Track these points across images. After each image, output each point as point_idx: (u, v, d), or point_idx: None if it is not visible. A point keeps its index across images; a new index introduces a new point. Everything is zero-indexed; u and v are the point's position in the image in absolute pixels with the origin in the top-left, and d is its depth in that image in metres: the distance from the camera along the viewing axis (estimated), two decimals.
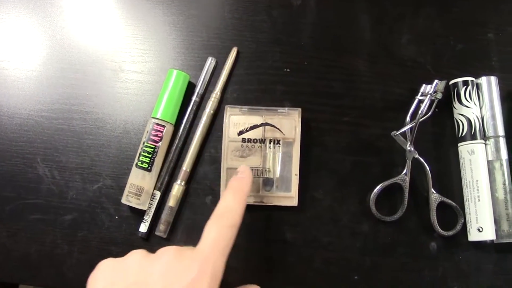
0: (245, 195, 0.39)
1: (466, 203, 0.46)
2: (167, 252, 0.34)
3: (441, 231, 0.45)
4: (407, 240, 0.46)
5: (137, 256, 0.35)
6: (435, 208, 0.46)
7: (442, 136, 0.47)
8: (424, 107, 0.45)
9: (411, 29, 0.49)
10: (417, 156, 0.46)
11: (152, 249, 0.43)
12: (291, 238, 0.46)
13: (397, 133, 0.45)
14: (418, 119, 0.45)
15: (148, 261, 0.34)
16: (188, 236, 0.46)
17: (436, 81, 0.46)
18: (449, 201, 0.46)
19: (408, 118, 0.46)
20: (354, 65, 0.48)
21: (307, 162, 0.46)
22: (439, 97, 0.46)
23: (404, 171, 0.46)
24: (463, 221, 0.46)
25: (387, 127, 0.46)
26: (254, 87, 0.48)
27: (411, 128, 0.46)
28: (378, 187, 0.45)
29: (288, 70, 0.48)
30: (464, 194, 0.46)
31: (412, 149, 0.46)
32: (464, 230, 0.46)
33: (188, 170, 0.46)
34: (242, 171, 0.42)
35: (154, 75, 0.48)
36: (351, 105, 0.47)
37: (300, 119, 0.45)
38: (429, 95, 0.45)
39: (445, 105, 0.47)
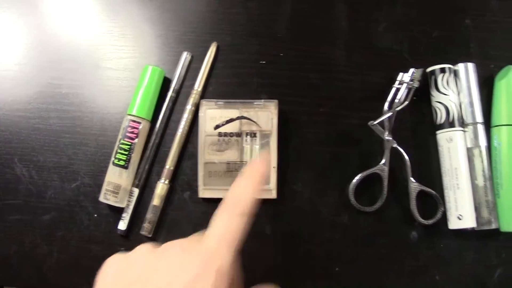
0: (258, 183, 0.36)
1: (445, 191, 0.46)
2: (173, 247, 0.33)
3: (421, 220, 0.45)
4: (388, 230, 0.46)
5: (142, 251, 0.34)
6: (414, 197, 0.45)
7: (421, 124, 0.47)
8: (401, 96, 0.45)
9: (388, 17, 0.48)
10: (395, 145, 0.46)
11: (132, 246, 0.43)
12: (270, 231, 0.45)
13: (375, 122, 0.45)
14: (395, 108, 0.45)
15: (153, 256, 0.33)
16: (169, 232, 0.46)
17: (412, 69, 0.45)
18: (429, 189, 0.45)
19: (385, 108, 0.46)
20: (331, 55, 0.48)
21: (285, 154, 0.46)
22: (416, 86, 0.45)
23: (383, 161, 0.45)
24: (443, 209, 0.46)
25: (365, 117, 0.46)
26: (231, 80, 0.47)
27: (389, 118, 0.45)
28: (356, 178, 0.45)
29: (264, 62, 0.47)
30: (443, 182, 0.46)
31: (390, 138, 0.46)
32: (444, 218, 0.45)
33: (171, 168, 0.46)
34: (258, 159, 0.41)
35: (131, 71, 0.48)
36: (328, 95, 0.47)
37: (277, 111, 0.45)
38: (405, 84, 0.45)
39: (423, 93, 0.47)
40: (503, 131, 0.46)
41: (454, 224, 0.45)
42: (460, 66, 0.46)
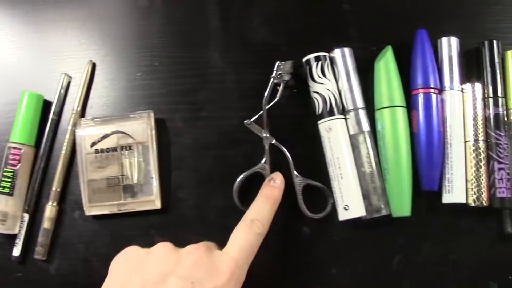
0: (277, 203, 0.40)
1: (331, 182, 0.44)
2: (198, 249, 0.35)
3: (310, 214, 0.44)
4: (279, 227, 0.45)
5: (165, 248, 0.35)
6: (300, 192, 0.44)
7: (305, 116, 0.46)
8: (268, 91, 0.44)
9: (262, 12, 0.48)
10: (274, 142, 0.45)
11: (28, 272, 0.44)
12: (160, 242, 0.45)
13: (250, 121, 0.44)
14: (265, 105, 0.44)
15: (176, 254, 0.35)
16: (62, 253, 0.46)
17: (277, 62, 0.44)
18: (315, 182, 0.45)
19: (264, 105, 0.45)
20: (205, 57, 0.47)
21: (167, 163, 0.46)
22: (286, 79, 0.44)
23: (263, 159, 0.45)
24: (332, 201, 0.44)
25: (245, 116, 0.45)
26: (110, 96, 0.47)
27: (265, 114, 0.45)
28: (239, 179, 0.45)
29: (141, 74, 0.47)
30: (329, 173, 0.45)
31: (268, 135, 0.45)
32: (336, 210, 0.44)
33: (58, 190, 0.46)
34: (275, 178, 0.42)
35: (10, 98, 0.48)
36: (207, 99, 0.47)
37: (152, 121, 0.45)
38: (272, 79, 0.44)
39: (306, 84, 0.46)
40: (385, 113, 0.44)
41: (342, 215, 0.44)
42: (336, 52, 0.45)
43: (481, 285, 0.44)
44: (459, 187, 0.44)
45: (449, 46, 0.46)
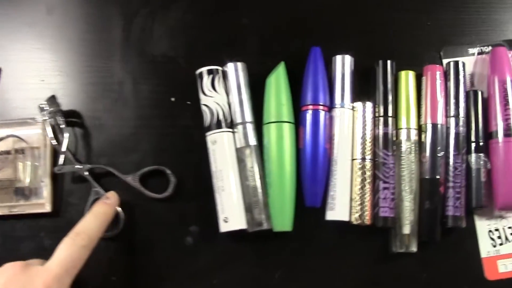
0: (107, 219, 0.42)
1: (215, 194, 0.45)
2: (13, 267, 0.36)
3: (152, 194, 0.45)
4: (161, 236, 0.46)
5: None
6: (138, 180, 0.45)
7: (197, 128, 0.46)
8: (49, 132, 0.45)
9: (163, 24, 0.49)
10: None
11: None
12: (48, 245, 0.46)
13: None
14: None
15: None
16: None
17: (39, 105, 0.46)
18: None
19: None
20: (106, 67, 0.48)
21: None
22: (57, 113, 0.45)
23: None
24: (174, 181, 0.45)
25: (139, 125, 0.47)
26: (9, 99, 0.48)
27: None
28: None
29: (43, 80, 0.49)
30: (213, 185, 0.45)
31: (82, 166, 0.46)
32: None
33: None
34: (108, 196, 0.44)
35: None
36: (104, 108, 0.48)
37: (48, 127, 0.46)
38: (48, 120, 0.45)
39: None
40: (272, 128, 0.45)
41: (222, 227, 0.44)
42: (229, 66, 0.46)
43: None
44: (342, 204, 0.44)
45: (343, 64, 0.46)
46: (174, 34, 0.48)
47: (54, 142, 0.45)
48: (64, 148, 0.45)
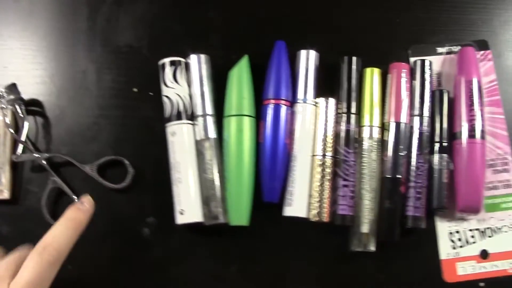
0: (80, 228, 0.37)
1: (173, 186, 0.45)
2: None
3: (110, 184, 0.44)
4: (117, 228, 0.45)
5: None
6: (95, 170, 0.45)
7: (158, 120, 0.46)
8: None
9: (128, 15, 0.48)
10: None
11: None
12: (6, 232, 0.46)
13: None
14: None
15: None
16: None
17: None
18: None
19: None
20: (71, 56, 0.48)
21: None
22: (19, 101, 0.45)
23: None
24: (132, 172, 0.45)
25: (100, 115, 0.46)
26: None
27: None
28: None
29: (6, 67, 0.48)
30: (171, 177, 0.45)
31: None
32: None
33: None
34: (83, 201, 0.40)
35: None
36: (67, 96, 0.47)
37: (8, 115, 0.46)
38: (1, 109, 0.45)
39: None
40: (232, 122, 0.45)
41: (178, 219, 0.44)
42: (192, 58, 0.46)
43: None
44: (300, 200, 0.44)
45: (307, 59, 0.46)
46: (140, 25, 0.48)
47: (11, 130, 0.45)
48: (23, 136, 0.45)
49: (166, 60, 0.45)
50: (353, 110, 0.45)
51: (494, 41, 0.48)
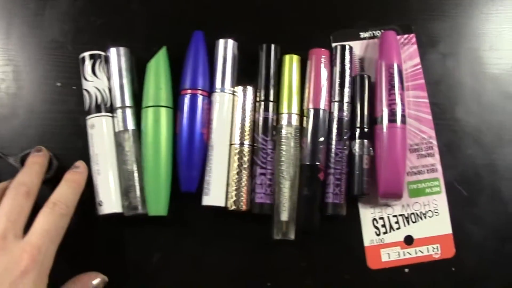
0: (80, 187, 0.42)
1: (92, 178, 0.45)
2: None
3: None
4: None
5: None
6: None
7: (82, 113, 0.46)
8: None
9: (54, 9, 0.49)
10: None
11: None
12: None
13: None
14: None
15: None
16: None
17: None
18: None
19: None
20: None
21: None
22: None
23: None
24: (56, 164, 0.45)
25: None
26: None
27: None
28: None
29: None
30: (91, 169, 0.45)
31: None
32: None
33: None
34: (78, 165, 0.44)
35: None
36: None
37: None
38: None
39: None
40: (149, 112, 0.45)
41: (98, 210, 0.45)
42: (112, 51, 0.46)
43: None
44: (217, 189, 0.44)
45: (225, 48, 0.46)
46: (65, 19, 0.49)
47: None
48: None
49: (86, 54, 0.46)
50: (271, 97, 0.45)
51: (418, 25, 0.47)
